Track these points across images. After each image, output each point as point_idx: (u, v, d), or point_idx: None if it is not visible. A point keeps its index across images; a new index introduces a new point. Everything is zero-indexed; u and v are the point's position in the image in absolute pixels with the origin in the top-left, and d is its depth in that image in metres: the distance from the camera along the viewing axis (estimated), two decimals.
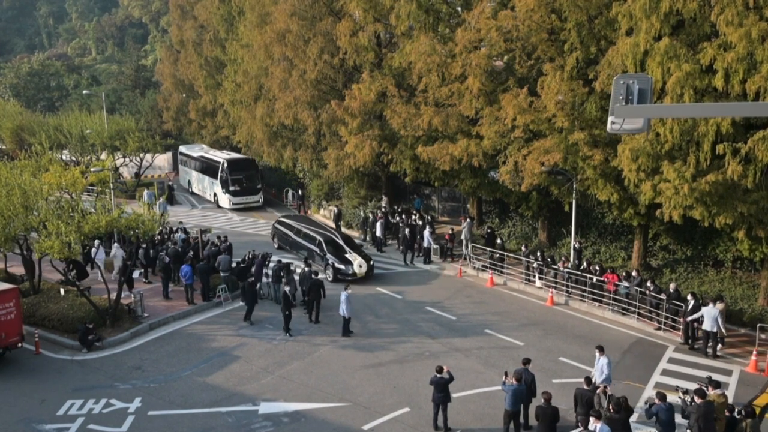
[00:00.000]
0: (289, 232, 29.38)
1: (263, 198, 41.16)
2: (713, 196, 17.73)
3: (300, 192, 40.83)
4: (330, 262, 25.69)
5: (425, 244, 27.91)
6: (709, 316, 18.35)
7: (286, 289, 20.70)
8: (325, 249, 26.28)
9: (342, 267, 25.37)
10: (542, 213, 27.79)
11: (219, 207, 40.67)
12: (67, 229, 19.19)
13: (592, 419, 12.97)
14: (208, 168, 42.21)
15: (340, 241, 26.82)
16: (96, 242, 24.79)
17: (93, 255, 24.83)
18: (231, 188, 39.59)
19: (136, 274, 23.88)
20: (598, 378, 15.60)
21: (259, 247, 28.22)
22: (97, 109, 54.49)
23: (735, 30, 16.04)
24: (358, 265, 25.28)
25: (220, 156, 41.63)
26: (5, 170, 23.19)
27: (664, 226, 23.49)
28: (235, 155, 42.56)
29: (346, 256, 25.79)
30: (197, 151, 45.44)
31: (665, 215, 19.01)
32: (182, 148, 48.04)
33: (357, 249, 26.79)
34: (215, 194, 41.28)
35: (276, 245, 30.26)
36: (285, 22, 31.02)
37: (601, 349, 15.96)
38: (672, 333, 20.14)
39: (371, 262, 25.97)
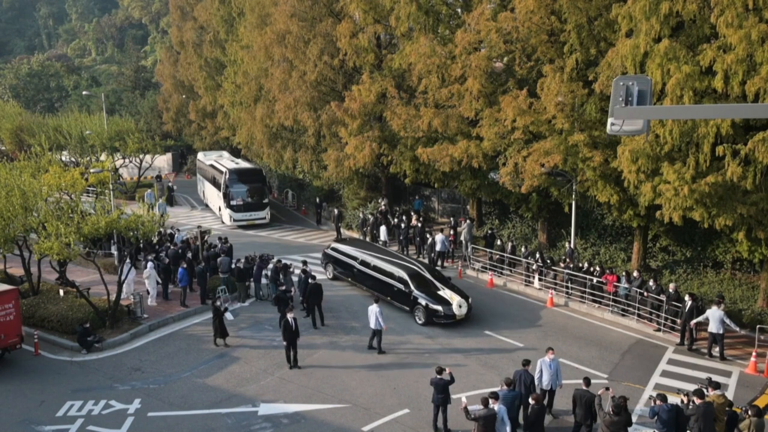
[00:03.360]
0: (351, 262, 24.70)
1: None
2: (713, 198, 17.74)
3: (318, 200, 37.47)
4: (422, 302, 21.33)
5: (439, 248, 27.40)
6: (714, 318, 18.34)
7: (290, 317, 18.16)
8: (411, 286, 21.87)
9: (438, 308, 21.03)
10: (542, 214, 27.81)
11: (222, 222, 36.66)
12: (67, 230, 19.19)
13: (491, 400, 13.33)
14: (214, 178, 38.60)
15: (428, 275, 22.44)
16: (127, 261, 22.22)
17: (124, 275, 21.80)
18: (233, 202, 35.51)
19: (230, 316, 20.69)
20: (553, 382, 15.30)
21: (258, 248, 28.24)
22: (96, 110, 54.61)
23: (735, 32, 16.05)
24: (457, 305, 21.05)
25: (226, 165, 37.72)
26: (5, 171, 23.21)
27: (664, 228, 23.51)
28: (243, 165, 38.57)
29: (440, 293, 21.51)
30: (212, 158, 41.58)
31: (665, 216, 19.02)
32: (199, 155, 44.95)
33: (447, 283, 22.36)
34: (219, 208, 37.55)
35: (330, 275, 25.99)
36: (285, 23, 31.06)
37: (551, 349, 15.73)
38: (672, 334, 20.14)
39: (470, 300, 21.81)
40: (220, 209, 37.42)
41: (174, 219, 37.12)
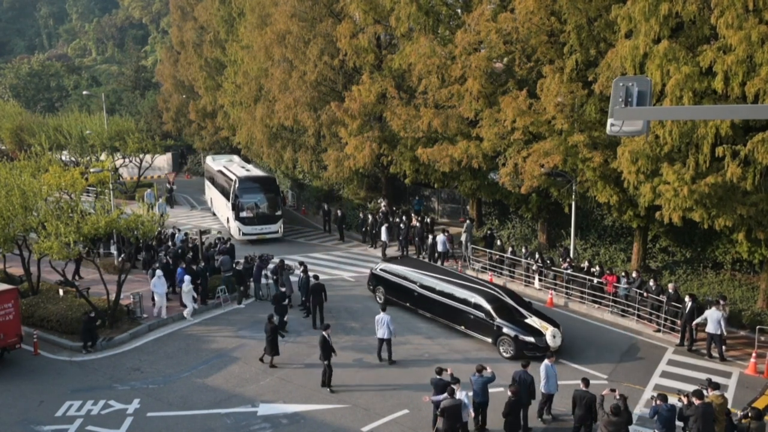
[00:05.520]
0: (409, 286, 21.95)
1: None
2: (713, 198, 17.75)
3: (326, 207, 34.99)
4: (510, 333, 18.81)
5: (440, 248, 27.42)
6: (712, 318, 18.35)
7: (326, 334, 17.00)
8: (493, 314, 19.33)
9: (530, 339, 18.53)
10: (542, 215, 27.82)
11: (231, 236, 32.37)
12: (66, 230, 19.18)
13: (456, 387, 13.81)
14: (223, 186, 35.51)
15: (508, 300, 19.92)
16: (158, 272, 21.92)
17: (152, 285, 21.72)
18: (241, 214, 32.21)
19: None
20: (550, 387, 15.34)
21: (258, 248, 28.21)
22: (96, 110, 54.58)
23: (735, 33, 16.04)
24: (551, 335, 18.59)
25: (235, 172, 34.29)
26: (5, 171, 23.20)
27: (664, 228, 23.51)
28: (254, 172, 35.33)
29: (527, 322, 19.08)
30: (221, 163, 38.43)
31: (665, 217, 19.02)
32: (208, 159, 42.03)
33: (530, 308, 20.08)
34: (228, 219, 34.20)
35: (381, 299, 22.94)
36: (285, 23, 31.06)
37: (551, 355, 15.93)
38: (671, 335, 20.14)
39: (560, 328, 19.32)
40: (228, 220, 34.16)
41: (174, 219, 37.12)
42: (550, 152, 21.20)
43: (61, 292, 22.59)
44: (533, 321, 19.15)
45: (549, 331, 18.73)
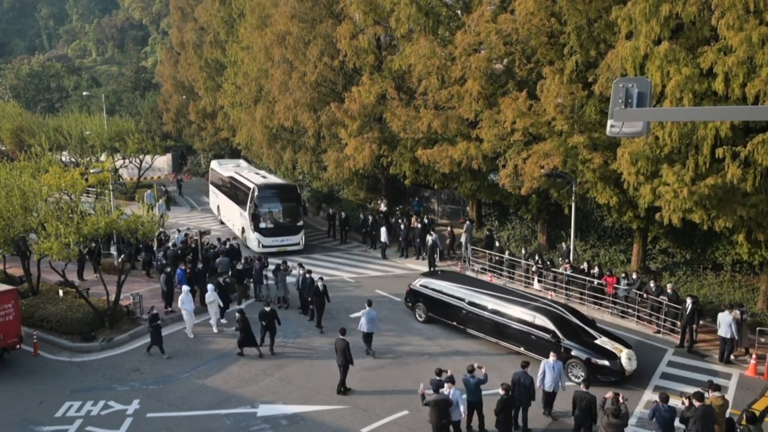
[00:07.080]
0: (455, 303, 20.49)
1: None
2: (712, 200, 17.76)
3: (330, 211, 34.21)
4: (581, 356, 17.31)
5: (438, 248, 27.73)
6: (724, 322, 18.29)
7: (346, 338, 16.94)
8: (559, 335, 17.82)
9: (605, 362, 17.06)
10: (542, 216, 27.83)
11: (247, 247, 30.66)
12: (66, 230, 19.18)
13: (446, 385, 13.95)
14: (237, 194, 33.49)
15: (574, 319, 18.49)
16: (185, 288, 20.89)
17: (180, 302, 20.69)
18: (261, 225, 30.25)
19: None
20: (556, 384, 15.36)
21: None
22: (97, 111, 54.63)
23: (735, 34, 16.06)
24: (626, 357, 17.19)
25: (252, 180, 32.22)
26: (5, 171, 23.21)
27: (664, 230, 23.51)
28: (272, 179, 33.51)
29: (598, 343, 17.65)
30: (229, 169, 36.61)
31: (665, 218, 19.04)
32: (214, 164, 40.14)
33: (596, 327, 18.69)
34: (243, 229, 32.25)
35: (421, 317, 21.73)
36: (285, 24, 31.07)
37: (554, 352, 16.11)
38: (671, 336, 20.13)
39: (633, 348, 17.96)
40: (243, 230, 31.99)
41: (173, 219, 37.13)
42: (550, 153, 21.21)
43: (60, 292, 22.59)
44: (603, 342, 17.75)
45: (624, 354, 17.26)
